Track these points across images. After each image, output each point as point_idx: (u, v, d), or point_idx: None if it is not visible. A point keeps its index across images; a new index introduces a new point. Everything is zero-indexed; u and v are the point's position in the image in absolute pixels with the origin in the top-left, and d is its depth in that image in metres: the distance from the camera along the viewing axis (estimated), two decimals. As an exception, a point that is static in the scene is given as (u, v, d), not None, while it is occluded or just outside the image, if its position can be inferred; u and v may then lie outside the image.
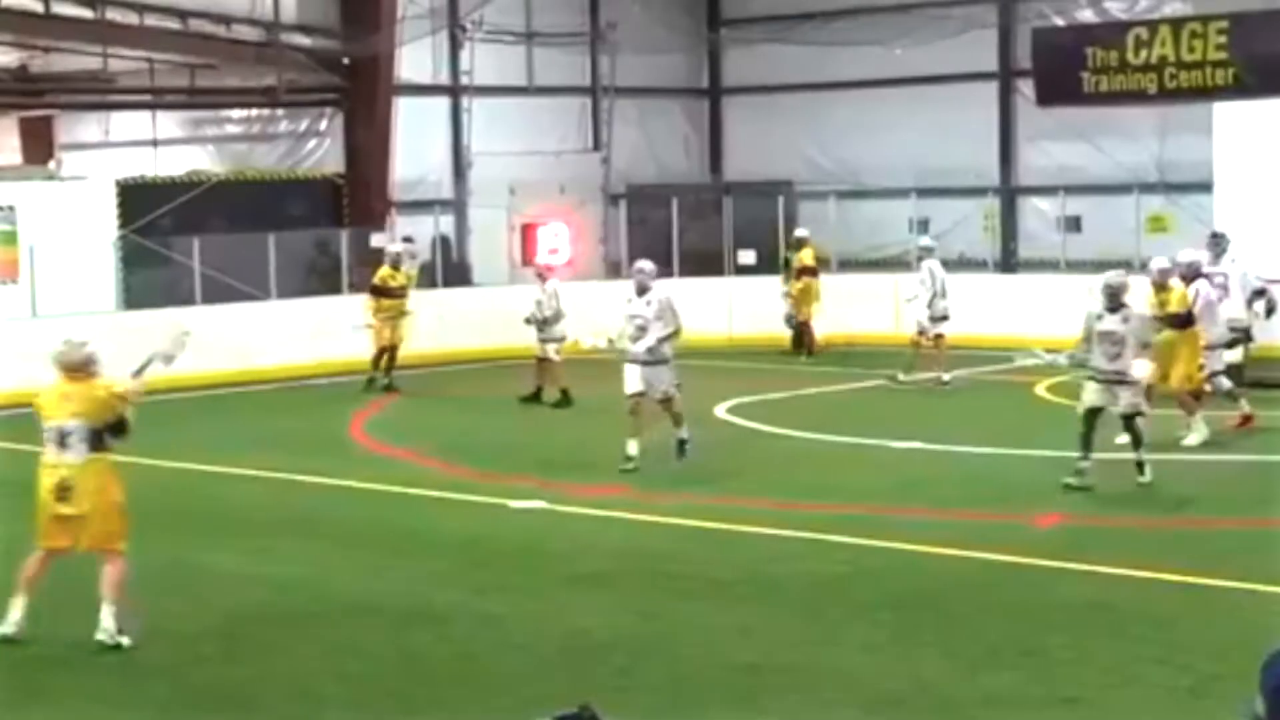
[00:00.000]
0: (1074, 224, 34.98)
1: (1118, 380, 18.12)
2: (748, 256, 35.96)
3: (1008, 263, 36.46)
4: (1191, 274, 22.39)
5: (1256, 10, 33.23)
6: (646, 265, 20.83)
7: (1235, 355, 25.36)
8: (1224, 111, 31.33)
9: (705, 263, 35.11)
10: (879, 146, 37.25)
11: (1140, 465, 18.23)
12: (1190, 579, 14.20)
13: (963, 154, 36.39)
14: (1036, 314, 32.01)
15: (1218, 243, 25.89)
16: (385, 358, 28.31)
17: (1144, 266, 24.39)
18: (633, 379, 20.33)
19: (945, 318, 28.00)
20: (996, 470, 20.14)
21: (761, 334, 32.95)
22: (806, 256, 31.93)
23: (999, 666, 11.95)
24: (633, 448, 20.05)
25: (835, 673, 11.92)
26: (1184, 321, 21.24)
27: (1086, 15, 35.73)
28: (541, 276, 27.24)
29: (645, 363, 20.21)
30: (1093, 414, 18.32)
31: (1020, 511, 17.16)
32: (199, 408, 27.09)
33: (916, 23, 36.56)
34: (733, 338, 33.31)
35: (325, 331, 31.03)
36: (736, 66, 40.62)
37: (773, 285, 33.22)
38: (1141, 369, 18.23)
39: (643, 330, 20.20)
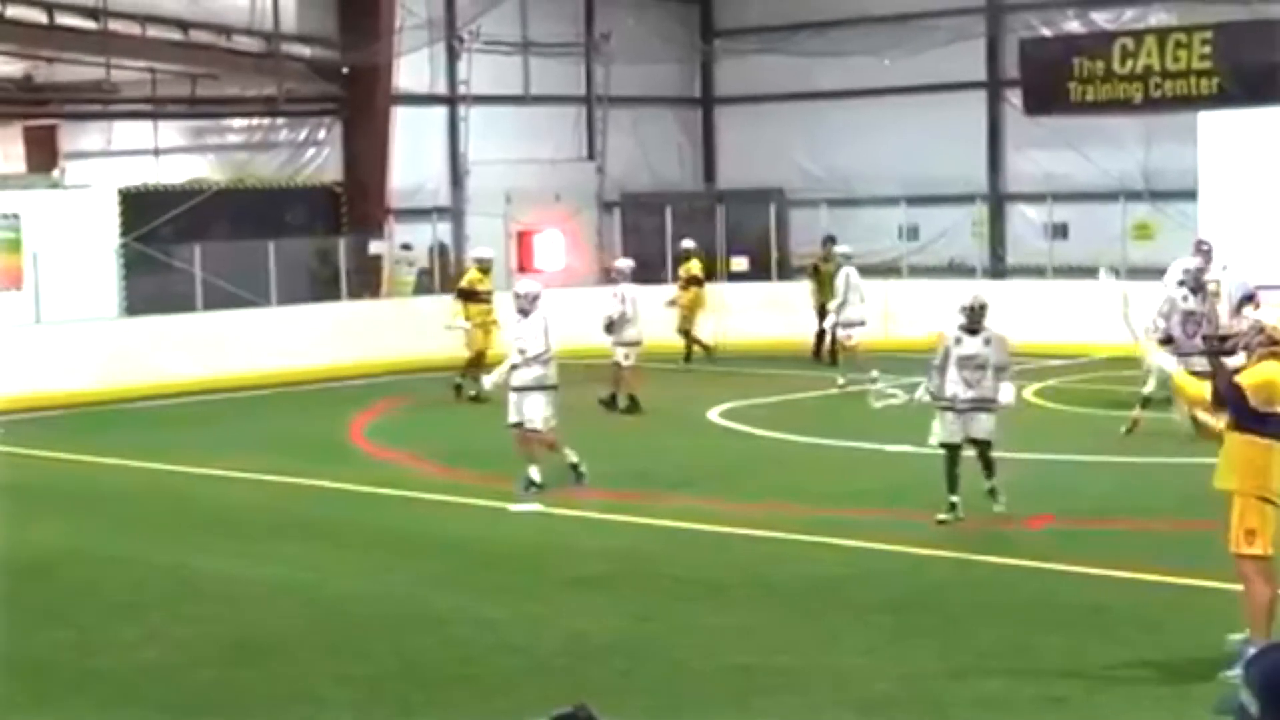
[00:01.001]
0: (1061, 231, 34.94)
1: (979, 408, 16.72)
2: (740, 263, 35.90)
3: (996, 269, 36.40)
4: (1196, 282, 22.48)
5: (1240, 20, 33.24)
6: (524, 288, 19.68)
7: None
8: (1208, 120, 31.31)
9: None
10: (870, 155, 37.19)
11: (993, 492, 16.84)
12: (1181, 580, 14.14)
13: (952, 162, 36.33)
14: (1024, 320, 31.93)
15: (1204, 250, 25.86)
16: (468, 363, 27.56)
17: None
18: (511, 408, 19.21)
19: (861, 323, 27.97)
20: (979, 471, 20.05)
21: (755, 339, 32.88)
22: (694, 268, 31.59)
23: (990, 668, 11.88)
24: (534, 473, 18.90)
25: (830, 674, 11.85)
26: None
27: (1073, 26, 35.71)
28: (614, 279, 26.68)
29: (516, 389, 19.03)
30: (952, 449, 16.85)
31: (1012, 513, 17.07)
32: (200, 413, 27.01)
33: (906, 33, 36.52)
34: (725, 343, 33.22)
35: (325, 337, 30.96)
36: (729, 76, 40.58)
37: (765, 291, 33.15)
38: (1009, 394, 16.99)
39: (522, 354, 19.03)
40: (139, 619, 13.60)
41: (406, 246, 35.07)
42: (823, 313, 30.92)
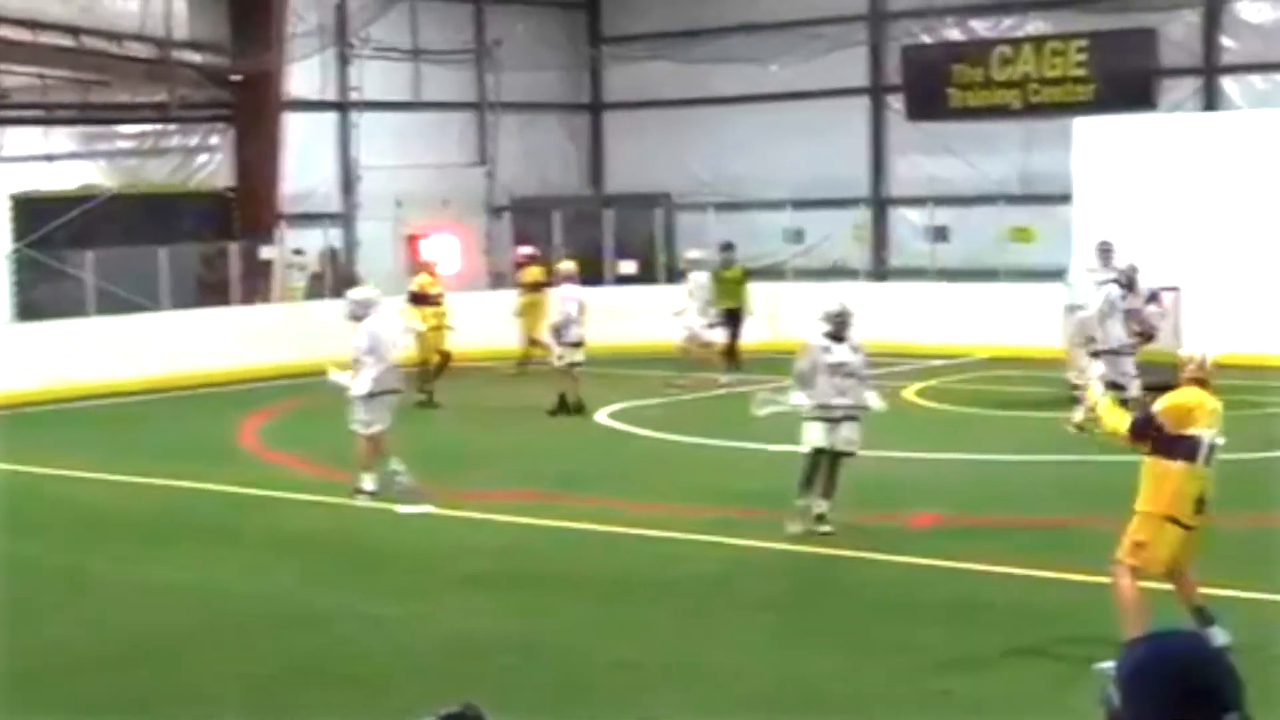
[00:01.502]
0: (942, 234, 35.20)
1: (847, 416, 16.52)
2: (628, 267, 35.94)
3: (878, 271, 36.65)
4: (1128, 280, 22.62)
5: (1115, 28, 33.65)
6: (357, 294, 19.28)
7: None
8: (1083, 126, 31.63)
9: (586, 273, 35.02)
10: (756, 160, 37.32)
11: (822, 518, 16.10)
12: (1063, 575, 14.26)
13: (836, 166, 36.53)
14: (906, 321, 32.24)
15: (1106, 251, 26.05)
16: (435, 368, 27.25)
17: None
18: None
19: (715, 325, 28.09)
20: (871, 472, 20.13)
21: (643, 342, 32.88)
22: (535, 273, 31.44)
23: (874, 662, 11.96)
24: (367, 482, 18.60)
25: (715, 670, 11.89)
26: None
27: (953, 33, 36.01)
28: (553, 283, 26.45)
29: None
30: (820, 454, 16.28)
31: (896, 511, 17.19)
32: (92, 417, 26.74)
33: (791, 41, 36.70)
34: (613, 345, 33.22)
35: (217, 342, 30.73)
36: (618, 82, 40.61)
37: (652, 294, 33.16)
38: (876, 400, 16.73)
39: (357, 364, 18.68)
40: (30, 622, 13.45)
41: (298, 251, 34.88)
42: (726, 317, 30.97)
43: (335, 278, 34.99)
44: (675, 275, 36.92)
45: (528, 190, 38.85)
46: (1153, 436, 11.69)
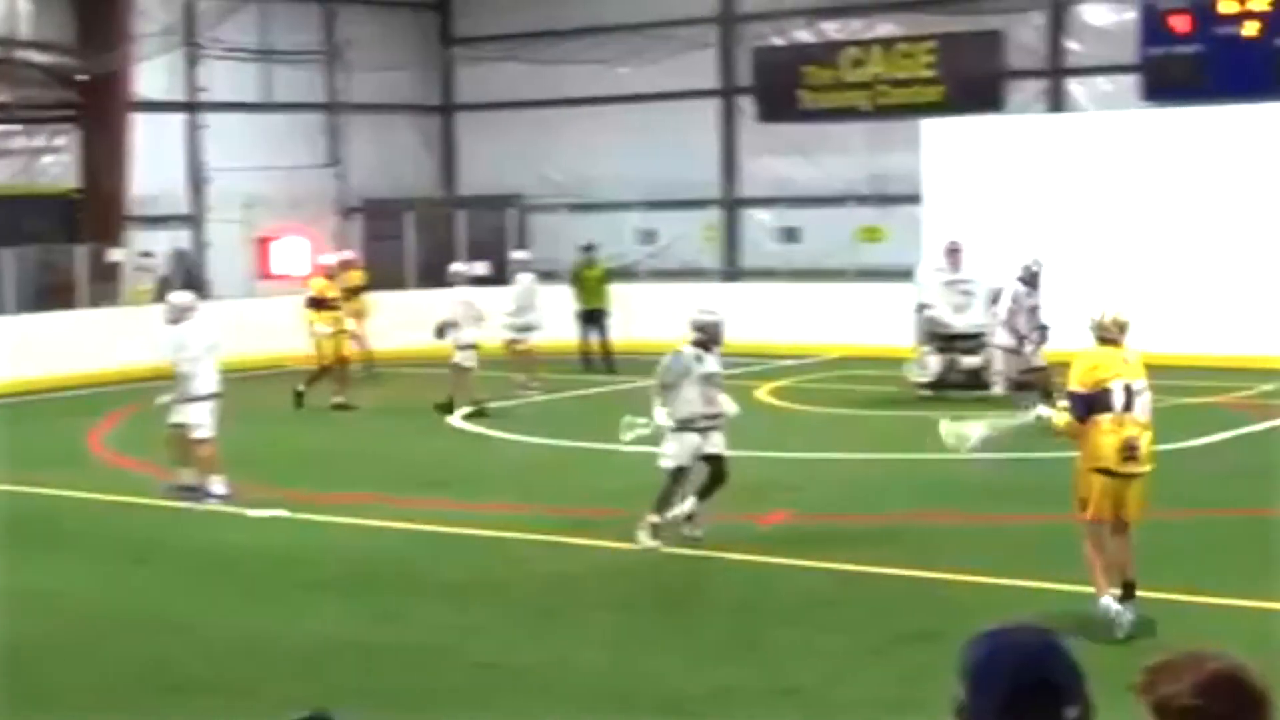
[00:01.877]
0: (792, 235, 35.48)
1: (713, 425, 16.22)
2: (481, 268, 35.84)
3: (730, 272, 36.86)
4: (1032, 276, 22.94)
5: (963, 31, 34.05)
6: (176, 298, 19.33)
7: (976, 360, 25.91)
8: (931, 127, 32.01)
9: (439, 275, 34.96)
10: (608, 161, 37.40)
11: (692, 518, 15.89)
12: (908, 572, 14.44)
13: (688, 168, 36.70)
14: (758, 321, 32.42)
15: (954, 252, 26.35)
16: (332, 373, 26.83)
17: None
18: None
19: (534, 328, 28.02)
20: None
21: (497, 343, 32.81)
22: (356, 278, 31.19)
23: (724, 661, 12.05)
24: (187, 476, 18.73)
25: (569, 671, 11.93)
26: None
27: (803, 35, 36.27)
28: (449, 283, 26.30)
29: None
30: (684, 471, 16.01)
31: (746, 511, 17.29)
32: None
33: (642, 42, 36.81)
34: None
35: (63, 345, 30.32)
36: (469, 83, 40.53)
37: (506, 296, 33.03)
38: (732, 405, 16.44)
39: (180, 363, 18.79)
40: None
41: (146, 254, 34.50)
42: (586, 319, 30.99)
43: (184, 280, 34.66)
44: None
45: (379, 192, 38.69)
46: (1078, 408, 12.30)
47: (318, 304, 27.40)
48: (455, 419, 24.92)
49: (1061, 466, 17.34)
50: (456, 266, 26.87)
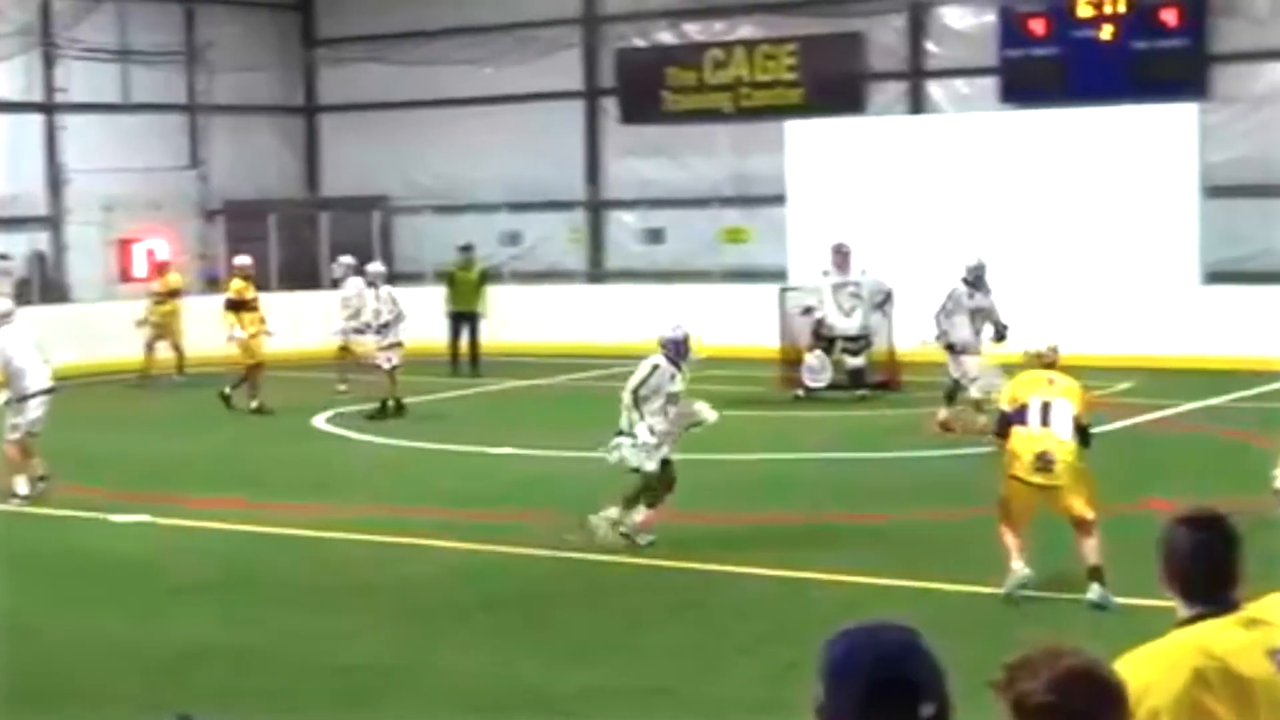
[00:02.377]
0: (657, 236, 35.57)
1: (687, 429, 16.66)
2: (337, 271, 35.60)
3: (595, 274, 36.89)
4: (975, 278, 22.37)
5: (824, 33, 34.29)
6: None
7: (859, 361, 26.09)
8: (794, 129, 32.21)
9: (303, 277, 34.79)
10: (473, 162, 37.29)
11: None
12: (774, 572, 14.52)
13: (552, 169, 36.68)
14: (623, 323, 32.52)
15: (843, 254, 26.40)
16: (252, 378, 26.53)
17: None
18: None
19: (363, 332, 27.74)
20: (589, 473, 20.26)
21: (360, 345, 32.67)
22: (173, 281, 30.92)
23: (591, 661, 12.08)
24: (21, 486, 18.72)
25: (435, 673, 11.92)
26: None
27: (666, 37, 36.37)
28: (374, 284, 26.10)
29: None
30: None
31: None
32: None
33: (506, 44, 36.75)
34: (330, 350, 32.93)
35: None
36: (333, 84, 40.27)
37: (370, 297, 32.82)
38: (712, 413, 16.91)
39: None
40: None
41: (4, 256, 34.00)
42: (458, 320, 30.82)
43: (43, 283, 34.23)
44: (394, 278, 36.82)
45: (241, 194, 38.33)
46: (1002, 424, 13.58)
47: (236, 306, 27.16)
48: (318, 420, 24.79)
49: (921, 465, 17.56)
50: (371, 266, 26.65)
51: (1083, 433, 13.34)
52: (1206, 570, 4.75)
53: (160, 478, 20.33)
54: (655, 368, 16.37)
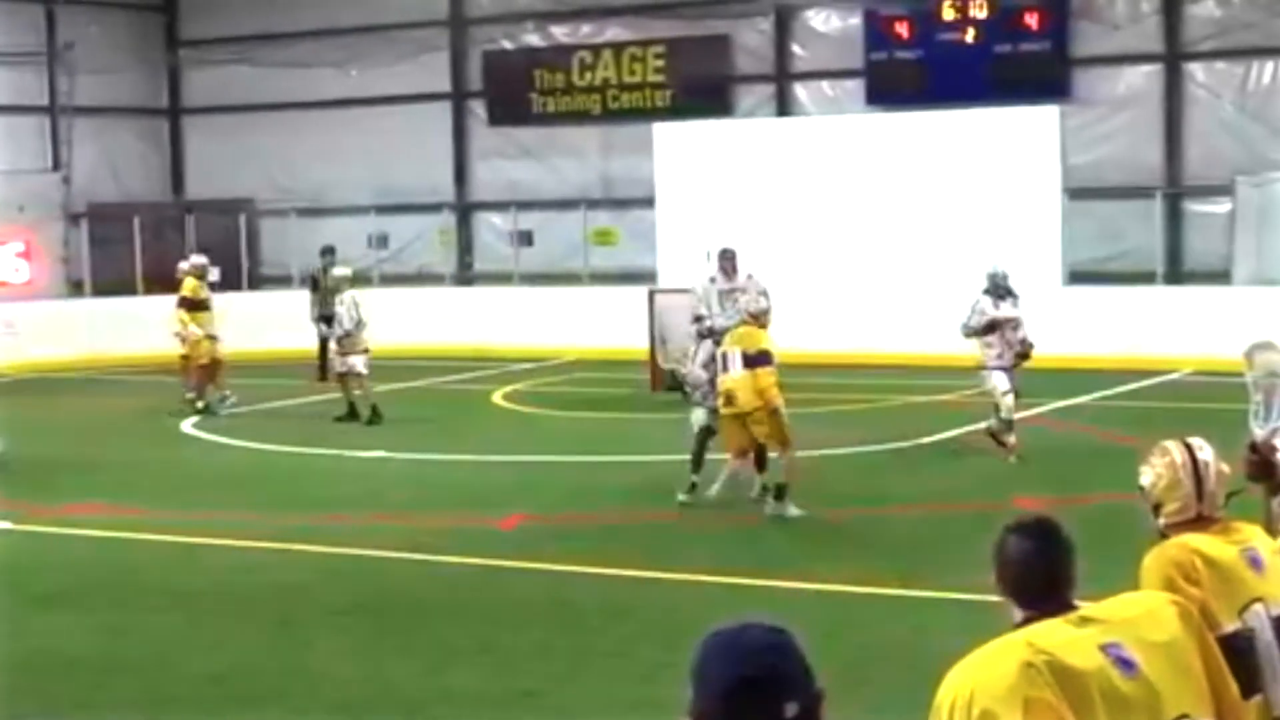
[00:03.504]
0: (526, 238, 35.52)
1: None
2: (212, 274, 35.29)
3: (464, 277, 36.79)
4: (999, 288, 20.03)
5: (690, 35, 34.40)
6: None
7: None
8: (663, 131, 32.28)
9: (169, 281, 34.37)
10: (340, 165, 37.10)
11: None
12: (642, 573, 14.53)
13: (420, 171, 36.57)
14: (492, 325, 32.56)
15: (729, 257, 26.20)
16: (211, 377, 26.25)
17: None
18: None
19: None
20: (461, 476, 20.26)
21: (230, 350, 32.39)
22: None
23: (460, 664, 12.03)
24: None
25: (303, 678, 11.82)
26: None
27: (533, 39, 36.35)
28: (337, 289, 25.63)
29: None
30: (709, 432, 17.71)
31: (483, 514, 17.28)
32: None
33: (373, 45, 36.61)
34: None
35: None
36: (197, 86, 39.93)
37: (235, 301, 32.53)
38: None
39: None
40: None
41: None
42: (325, 323, 30.38)
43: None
44: (260, 282, 36.63)
45: (105, 196, 37.93)
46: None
47: (190, 305, 26.79)
48: (186, 425, 24.56)
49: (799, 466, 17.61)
50: (337, 271, 26.25)
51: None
52: (1037, 575, 4.83)
53: (20, 483, 20.03)
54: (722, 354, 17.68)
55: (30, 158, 37.36)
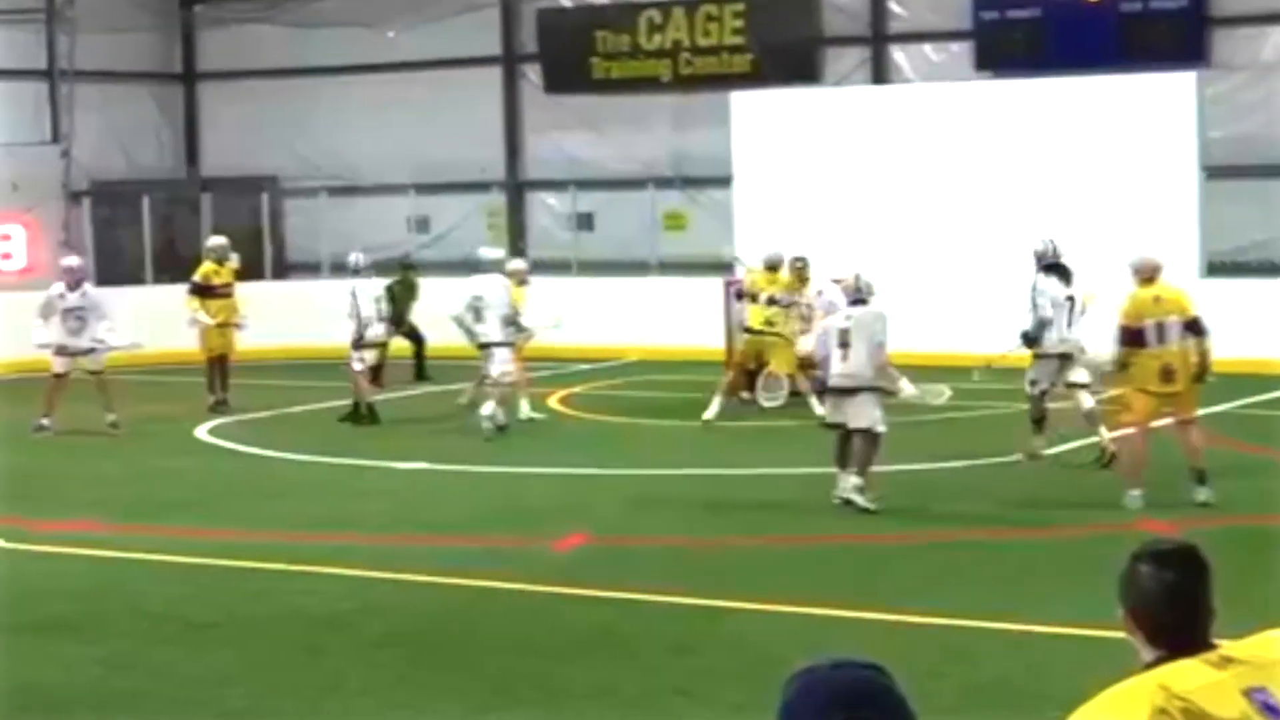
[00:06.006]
0: (586, 221, 35.54)
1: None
2: (232, 260, 35.49)
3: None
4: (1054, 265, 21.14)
5: (772, -9, 34.32)
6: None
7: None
8: (741, 100, 32.19)
9: (183, 267, 34.54)
10: (373, 138, 37.21)
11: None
12: (714, 602, 14.50)
13: (465, 146, 36.60)
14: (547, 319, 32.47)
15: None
16: (218, 370, 26.85)
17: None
18: None
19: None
20: (511, 491, 20.27)
21: (248, 347, 32.53)
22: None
23: (509, 704, 12.04)
24: None
25: (333, 718, 11.84)
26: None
27: (596, -5, 36.36)
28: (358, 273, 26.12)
29: None
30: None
31: (537, 534, 17.29)
32: None
33: (411, 2, 36.68)
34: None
35: None
36: (214, 48, 40.11)
37: (258, 292, 32.66)
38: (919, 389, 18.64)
39: None
40: None
41: None
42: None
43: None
44: (286, 270, 36.81)
45: (112, 173, 38.16)
46: None
47: (204, 291, 27.04)
48: (200, 431, 24.68)
49: (890, 481, 17.58)
50: (356, 256, 26.39)
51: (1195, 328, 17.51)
52: (1174, 610, 4.78)
53: (13, 496, 20.17)
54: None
55: (26, 129, 37.59)
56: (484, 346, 24.05)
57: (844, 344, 17.85)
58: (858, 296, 18.41)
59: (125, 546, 17.29)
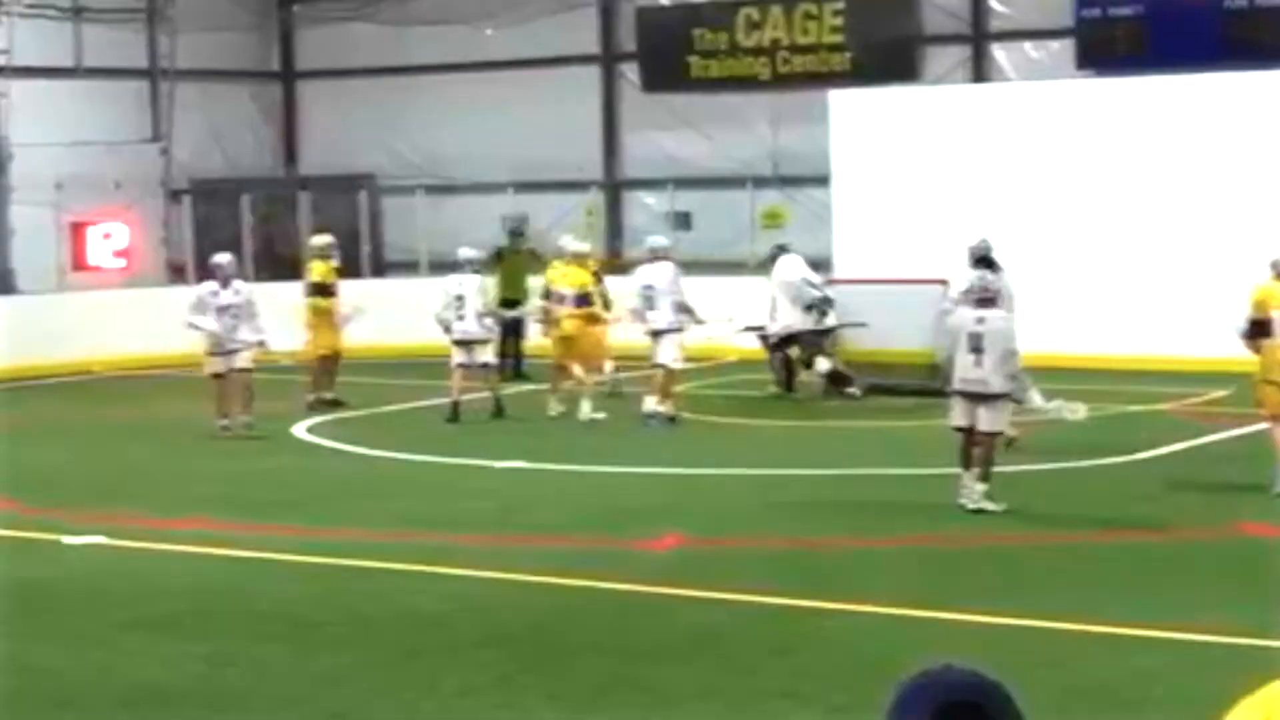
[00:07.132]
0: (684, 220, 35.54)
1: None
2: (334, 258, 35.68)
3: (614, 263, 36.83)
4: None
5: (873, -10, 34.25)
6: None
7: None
8: (840, 99, 32.15)
9: (281, 265, 34.81)
10: (470, 136, 37.32)
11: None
12: (814, 603, 14.52)
13: (563, 144, 36.65)
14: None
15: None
16: (328, 369, 27.28)
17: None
18: None
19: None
20: (608, 490, 20.33)
21: (353, 346, 32.71)
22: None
23: (609, 705, 12.09)
24: None
25: (432, 718, 11.93)
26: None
27: (696, -8, 36.34)
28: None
29: None
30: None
31: (634, 535, 17.35)
32: None
33: (511, 0, 36.78)
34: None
35: None
36: (312, 47, 40.31)
37: (356, 290, 32.84)
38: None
39: None
40: None
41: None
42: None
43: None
44: (384, 268, 36.99)
45: (211, 171, 38.44)
46: None
47: (322, 290, 27.31)
48: (300, 430, 24.86)
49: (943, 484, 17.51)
50: (467, 251, 26.51)
51: None
52: None
53: (119, 494, 20.38)
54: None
55: (127, 128, 37.88)
56: (655, 334, 24.38)
57: (976, 349, 17.63)
58: (984, 295, 18.14)
59: (227, 544, 17.45)
